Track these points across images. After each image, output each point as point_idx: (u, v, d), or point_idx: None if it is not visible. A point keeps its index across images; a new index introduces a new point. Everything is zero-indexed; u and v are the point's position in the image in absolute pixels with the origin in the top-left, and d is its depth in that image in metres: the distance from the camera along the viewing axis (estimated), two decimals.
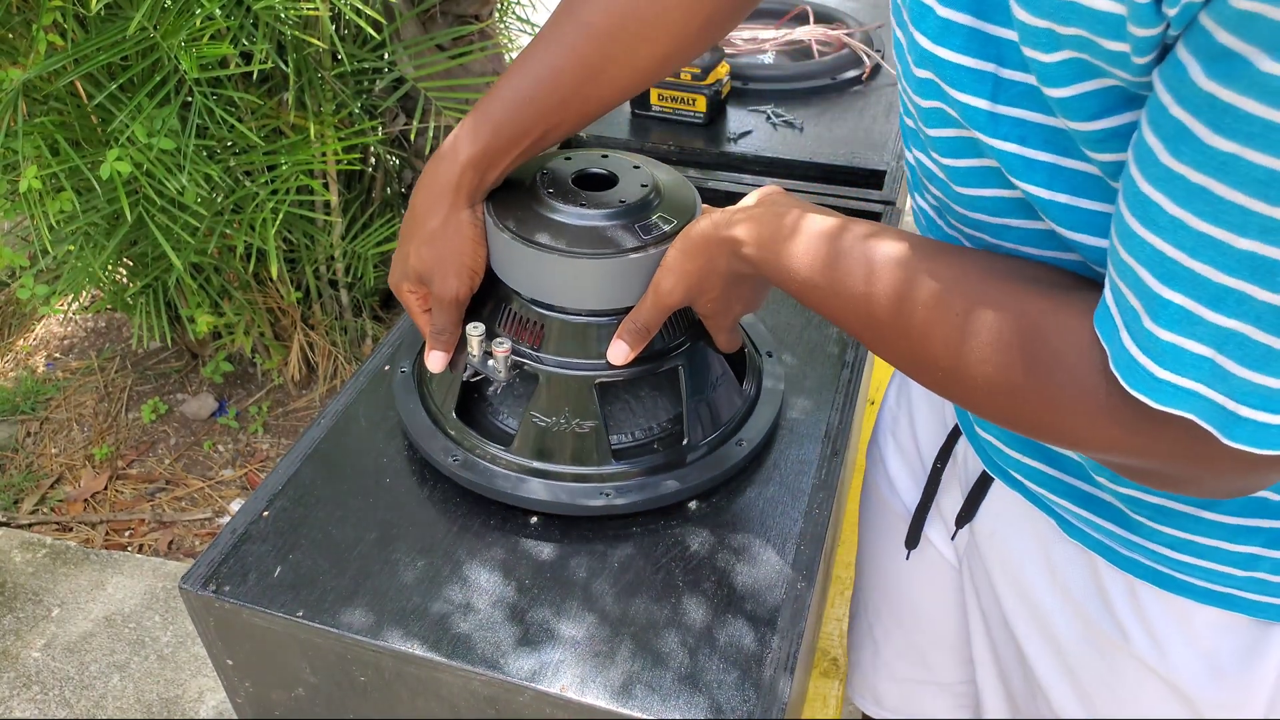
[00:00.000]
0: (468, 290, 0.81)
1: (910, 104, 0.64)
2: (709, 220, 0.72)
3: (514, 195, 0.81)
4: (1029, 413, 0.55)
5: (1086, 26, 0.45)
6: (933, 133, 0.61)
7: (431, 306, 0.82)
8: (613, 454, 0.82)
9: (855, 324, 0.64)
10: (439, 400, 0.87)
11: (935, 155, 0.62)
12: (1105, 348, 0.50)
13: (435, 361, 0.83)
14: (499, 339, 0.80)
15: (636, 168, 0.83)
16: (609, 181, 0.82)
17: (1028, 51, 0.50)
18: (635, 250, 0.76)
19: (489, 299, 0.83)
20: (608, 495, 0.80)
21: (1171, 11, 0.41)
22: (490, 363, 0.80)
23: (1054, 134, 0.53)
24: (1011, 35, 0.51)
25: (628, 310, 0.79)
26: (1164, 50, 0.43)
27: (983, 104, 0.55)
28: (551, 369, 0.80)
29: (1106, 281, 0.50)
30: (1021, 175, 0.55)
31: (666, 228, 0.78)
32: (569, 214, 0.78)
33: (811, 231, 0.65)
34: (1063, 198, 0.55)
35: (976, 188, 0.60)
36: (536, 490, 0.81)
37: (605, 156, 0.84)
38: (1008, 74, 0.53)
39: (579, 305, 0.79)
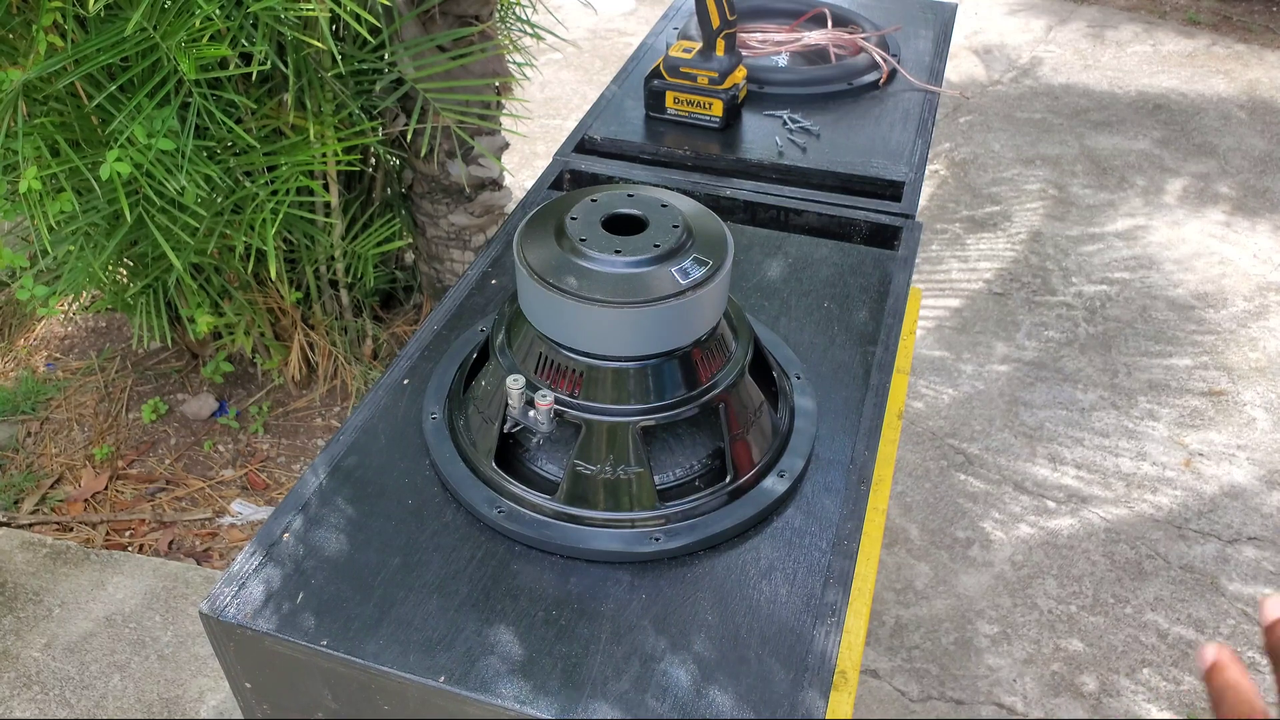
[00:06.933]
0: None
1: None
2: None
3: (547, 243, 0.79)
4: None
5: None
6: None
7: None
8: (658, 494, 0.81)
9: None
10: (478, 449, 0.85)
11: None
12: None
13: None
14: (541, 391, 0.79)
15: (664, 206, 0.82)
16: (639, 223, 0.81)
17: None
18: (676, 296, 0.75)
19: (523, 349, 0.82)
20: (658, 540, 0.80)
21: None
22: (531, 414, 0.79)
23: None
24: None
25: (669, 354, 0.79)
26: None
27: None
28: (593, 416, 0.79)
29: None
30: None
31: (702, 271, 0.77)
32: (607, 262, 0.77)
33: None
34: None
35: None
36: (585, 539, 0.80)
37: (631, 196, 0.83)
38: None
39: (622, 352, 0.78)
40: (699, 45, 1.29)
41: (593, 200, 0.83)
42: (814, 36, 1.45)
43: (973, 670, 1.94)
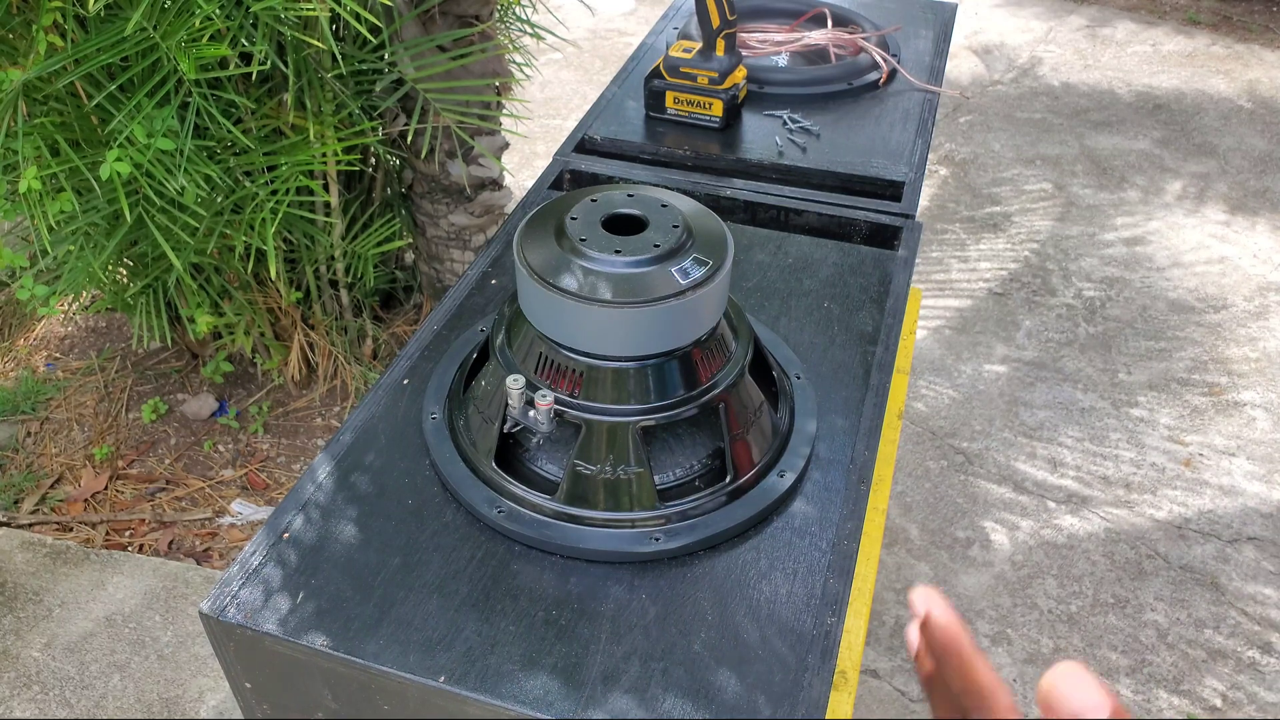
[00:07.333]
0: None
1: None
2: None
3: (547, 243, 0.79)
4: None
5: None
6: None
7: None
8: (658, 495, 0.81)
9: None
10: (478, 449, 0.85)
11: None
12: None
13: None
14: (541, 391, 0.79)
15: (664, 206, 0.82)
16: (639, 223, 0.81)
17: None
18: (676, 296, 0.75)
19: (523, 349, 0.82)
20: (658, 540, 0.80)
21: None
22: (531, 414, 0.79)
23: None
24: None
25: (669, 354, 0.78)
26: None
27: None
28: (594, 416, 0.79)
29: None
30: None
31: (702, 271, 0.77)
32: (607, 262, 0.77)
33: None
34: None
35: None
36: (585, 539, 0.80)
37: (631, 196, 0.83)
38: None
39: (622, 352, 0.78)
40: (699, 45, 1.29)
41: (593, 200, 0.82)
42: (814, 36, 1.45)
43: None
